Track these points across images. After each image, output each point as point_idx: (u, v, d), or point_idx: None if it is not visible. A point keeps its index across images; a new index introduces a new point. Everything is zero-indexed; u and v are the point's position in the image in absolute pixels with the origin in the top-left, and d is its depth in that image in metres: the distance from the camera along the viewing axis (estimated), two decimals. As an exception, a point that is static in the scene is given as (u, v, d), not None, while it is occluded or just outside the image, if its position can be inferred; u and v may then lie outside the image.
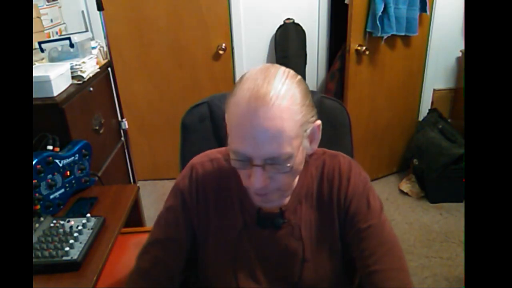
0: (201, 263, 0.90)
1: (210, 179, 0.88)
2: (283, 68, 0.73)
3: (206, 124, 1.19)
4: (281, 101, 0.67)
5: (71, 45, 1.68)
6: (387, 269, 0.77)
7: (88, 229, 1.13)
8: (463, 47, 2.76)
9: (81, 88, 1.61)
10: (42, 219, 1.16)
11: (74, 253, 1.03)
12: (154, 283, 0.84)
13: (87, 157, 1.42)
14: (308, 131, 0.75)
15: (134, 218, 1.53)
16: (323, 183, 0.86)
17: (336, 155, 0.89)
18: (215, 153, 0.92)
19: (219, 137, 1.20)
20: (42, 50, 1.69)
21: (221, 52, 2.63)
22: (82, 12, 2.50)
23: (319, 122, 0.78)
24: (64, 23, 2.38)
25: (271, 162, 0.71)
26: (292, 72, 0.74)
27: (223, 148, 0.94)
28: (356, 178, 0.85)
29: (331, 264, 0.85)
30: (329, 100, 1.15)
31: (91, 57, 1.78)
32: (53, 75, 1.44)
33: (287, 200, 0.85)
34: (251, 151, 0.69)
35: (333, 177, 0.85)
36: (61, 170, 1.30)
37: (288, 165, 0.71)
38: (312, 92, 0.89)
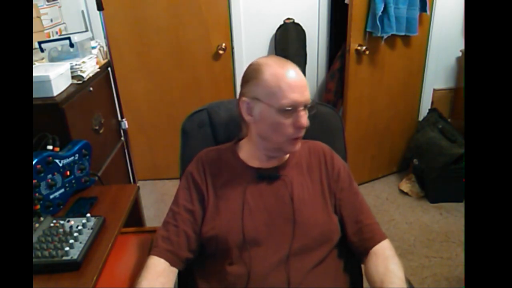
0: (210, 222, 1.03)
1: (213, 159, 1.12)
2: None
3: (205, 130, 1.26)
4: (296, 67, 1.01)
5: (71, 45, 1.68)
6: (374, 223, 1.07)
7: (88, 229, 1.13)
8: (463, 47, 2.76)
9: (81, 88, 1.61)
10: (42, 219, 1.16)
11: (74, 253, 1.03)
12: (175, 246, 1.01)
13: (87, 157, 1.42)
14: None
15: (134, 218, 1.53)
16: (311, 158, 1.11)
17: (317, 141, 1.17)
18: (214, 147, 1.19)
19: (218, 143, 1.25)
20: (42, 50, 1.69)
21: (221, 52, 2.63)
22: (82, 12, 2.50)
23: None
24: (64, 23, 2.38)
25: (307, 107, 0.99)
26: None
27: (221, 145, 1.19)
28: (337, 157, 1.14)
29: (322, 215, 1.04)
30: (323, 106, 1.29)
31: (91, 57, 1.78)
32: (53, 75, 1.44)
33: (280, 163, 1.09)
34: (299, 97, 0.97)
35: (319, 154, 1.12)
36: (61, 170, 1.30)
37: (312, 110, 1.02)
38: None
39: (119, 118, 2.07)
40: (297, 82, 0.97)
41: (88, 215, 1.19)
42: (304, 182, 1.07)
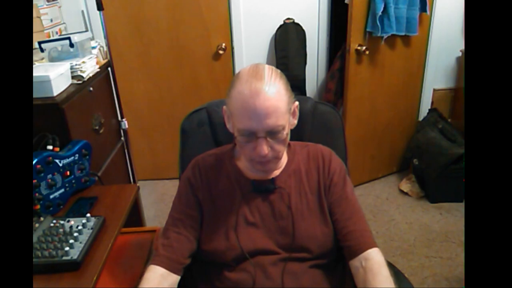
0: (207, 234, 1.02)
1: (210, 165, 1.08)
2: (267, 65, 0.96)
3: (204, 129, 1.26)
4: (274, 87, 0.90)
5: (71, 45, 1.68)
6: (361, 230, 1.00)
7: (88, 229, 1.13)
8: (463, 47, 2.76)
9: (81, 88, 1.61)
10: (42, 219, 1.16)
11: (74, 253, 1.03)
12: (177, 253, 0.98)
13: (87, 157, 1.42)
14: (291, 109, 0.97)
15: (134, 218, 1.53)
16: (310, 162, 1.07)
17: (318, 145, 1.12)
18: (213, 150, 1.14)
19: (218, 142, 1.23)
20: (42, 50, 1.69)
21: (221, 52, 2.63)
22: (82, 12, 2.50)
23: (297, 103, 1.01)
24: (64, 23, 2.38)
25: (270, 133, 0.91)
26: (274, 67, 0.96)
27: (219, 147, 1.15)
28: (335, 160, 1.09)
29: (320, 227, 1.01)
30: (323, 105, 1.28)
31: (91, 57, 1.78)
32: (53, 75, 1.44)
33: (278, 172, 1.04)
34: (256, 126, 0.89)
35: (318, 158, 1.07)
36: (61, 170, 1.30)
37: (283, 135, 0.93)
38: (307, 99, 1.25)
39: (119, 118, 2.07)
40: (256, 109, 0.87)
41: (88, 215, 1.19)
42: (303, 191, 1.03)
